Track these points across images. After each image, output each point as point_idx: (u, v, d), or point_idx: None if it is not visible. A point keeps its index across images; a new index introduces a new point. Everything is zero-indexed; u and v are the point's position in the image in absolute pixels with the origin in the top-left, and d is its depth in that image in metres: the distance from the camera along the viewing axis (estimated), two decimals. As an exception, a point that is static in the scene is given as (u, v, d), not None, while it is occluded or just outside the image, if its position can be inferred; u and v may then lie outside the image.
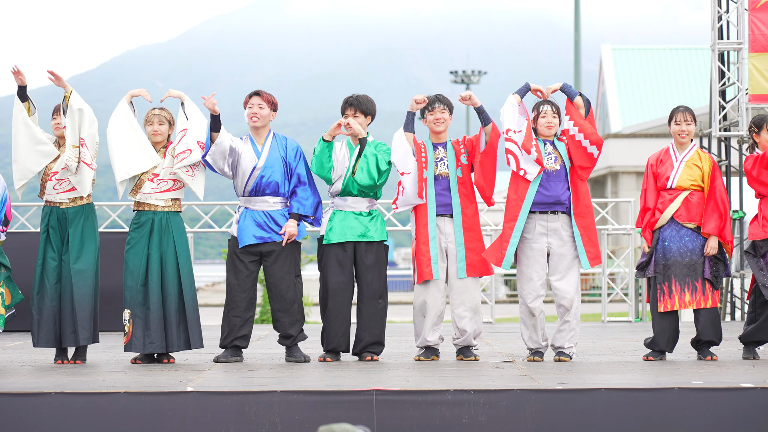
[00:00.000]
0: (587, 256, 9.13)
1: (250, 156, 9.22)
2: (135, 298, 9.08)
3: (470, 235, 9.28)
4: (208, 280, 49.20)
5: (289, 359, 9.25)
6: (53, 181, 9.13)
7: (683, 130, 9.29)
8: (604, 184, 39.72)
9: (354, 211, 9.31)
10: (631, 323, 14.98)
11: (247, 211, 9.23)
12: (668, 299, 9.15)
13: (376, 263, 9.30)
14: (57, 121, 9.20)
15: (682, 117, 9.29)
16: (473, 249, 9.27)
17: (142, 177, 9.14)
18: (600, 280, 23.35)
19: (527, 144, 9.05)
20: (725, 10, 15.43)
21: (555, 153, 9.15)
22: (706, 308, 9.18)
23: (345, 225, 9.27)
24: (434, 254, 9.24)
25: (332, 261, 9.26)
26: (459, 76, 59.83)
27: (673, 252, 9.17)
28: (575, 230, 9.12)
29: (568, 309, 9.12)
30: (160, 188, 9.13)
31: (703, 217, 9.19)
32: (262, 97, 9.23)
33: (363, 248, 9.29)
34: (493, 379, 7.85)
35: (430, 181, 9.27)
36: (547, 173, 9.09)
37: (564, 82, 9.36)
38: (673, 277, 9.15)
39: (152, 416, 7.13)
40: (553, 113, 9.20)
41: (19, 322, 9.94)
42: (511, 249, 9.09)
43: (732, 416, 7.16)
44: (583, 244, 9.13)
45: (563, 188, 9.10)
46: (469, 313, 9.27)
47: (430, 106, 9.34)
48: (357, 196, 9.32)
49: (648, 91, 46.38)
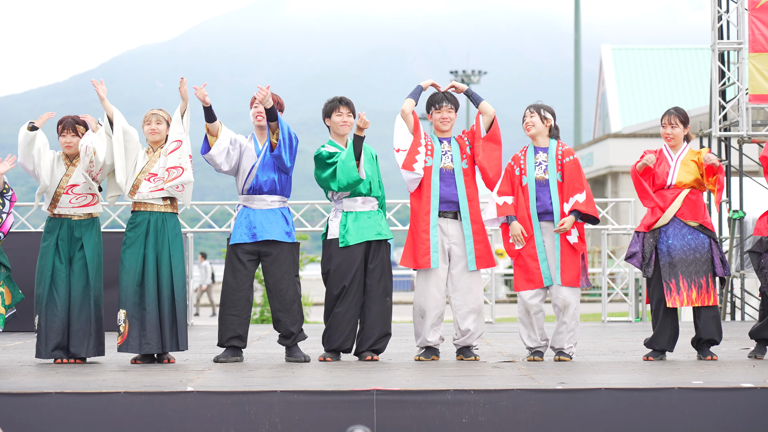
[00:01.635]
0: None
1: (251, 154, 9.23)
2: (131, 299, 9.09)
3: (477, 227, 9.30)
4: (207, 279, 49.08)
5: (289, 359, 9.25)
6: (70, 195, 9.16)
7: (668, 134, 9.34)
8: (604, 184, 39.73)
9: (364, 210, 9.34)
10: (631, 323, 14.99)
11: (245, 209, 9.24)
12: (676, 295, 9.16)
13: (385, 261, 9.35)
14: (67, 140, 9.21)
15: (668, 120, 9.35)
16: (480, 241, 9.29)
17: (139, 177, 9.14)
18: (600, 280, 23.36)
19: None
20: (725, 10, 15.44)
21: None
22: (707, 306, 9.20)
23: (360, 225, 9.29)
24: (434, 243, 9.22)
25: (347, 262, 9.26)
26: (459, 76, 59.88)
27: (677, 250, 9.19)
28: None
29: (562, 309, 9.12)
30: (157, 187, 9.13)
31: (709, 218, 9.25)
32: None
33: (374, 247, 9.32)
34: (493, 379, 7.85)
35: (435, 173, 9.27)
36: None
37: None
38: (680, 274, 9.16)
39: (152, 416, 7.13)
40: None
41: (20, 323, 9.94)
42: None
43: (732, 416, 7.16)
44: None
45: None
46: (473, 315, 9.27)
47: (438, 104, 9.35)
48: (366, 195, 9.35)
49: (648, 91, 46.40)
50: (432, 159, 9.28)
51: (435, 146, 9.32)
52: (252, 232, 9.16)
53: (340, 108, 9.37)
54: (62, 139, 9.26)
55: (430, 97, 9.44)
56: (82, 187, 9.21)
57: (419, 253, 9.24)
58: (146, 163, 9.16)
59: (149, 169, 9.15)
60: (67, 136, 9.22)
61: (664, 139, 9.36)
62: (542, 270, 9.13)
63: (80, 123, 9.27)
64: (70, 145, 9.22)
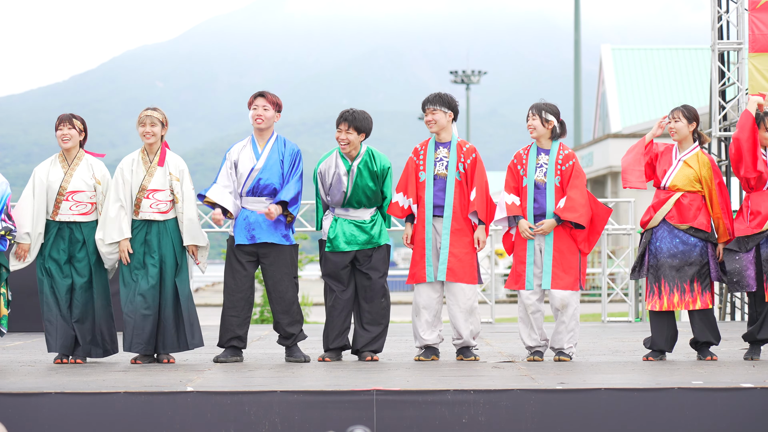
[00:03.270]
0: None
1: (249, 157, 9.21)
2: (128, 300, 9.09)
3: (457, 239, 9.22)
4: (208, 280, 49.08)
5: (289, 359, 9.26)
6: (70, 201, 9.15)
7: (672, 128, 9.31)
8: (604, 184, 39.73)
9: (356, 220, 9.32)
10: (630, 323, 14.98)
11: (243, 210, 9.24)
12: (657, 299, 9.15)
13: (379, 265, 9.32)
14: (63, 132, 9.19)
15: (672, 114, 9.31)
16: (457, 255, 9.20)
17: (139, 196, 9.12)
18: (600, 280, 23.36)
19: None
20: (725, 10, 15.44)
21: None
22: (698, 310, 9.16)
23: (349, 233, 9.27)
24: (428, 255, 9.23)
25: (336, 266, 9.28)
26: (459, 76, 59.90)
27: (663, 253, 9.16)
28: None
29: (560, 309, 9.12)
30: (159, 209, 9.13)
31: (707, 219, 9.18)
32: (267, 99, 9.21)
33: (367, 253, 9.30)
34: (493, 379, 7.85)
35: (428, 182, 9.26)
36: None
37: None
38: (662, 278, 9.14)
39: (152, 416, 7.13)
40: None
41: (20, 323, 9.94)
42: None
43: (732, 416, 7.16)
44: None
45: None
46: (463, 315, 9.25)
47: (424, 105, 9.35)
48: (358, 208, 9.33)
49: (648, 91, 46.40)
50: (425, 173, 9.26)
51: (428, 155, 9.29)
52: (251, 234, 9.16)
53: (341, 125, 9.30)
54: (59, 132, 9.23)
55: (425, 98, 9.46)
56: (83, 195, 9.18)
57: (415, 266, 9.27)
58: (144, 178, 9.14)
59: (147, 185, 9.13)
60: (64, 128, 9.19)
61: (669, 133, 9.34)
62: (527, 273, 9.14)
63: (77, 118, 9.28)
64: (67, 138, 9.18)
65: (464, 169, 9.25)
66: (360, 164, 9.28)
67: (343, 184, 9.26)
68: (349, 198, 9.28)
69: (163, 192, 9.11)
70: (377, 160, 9.36)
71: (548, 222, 9.07)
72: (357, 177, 9.25)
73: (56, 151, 9.35)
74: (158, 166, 9.14)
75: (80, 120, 9.29)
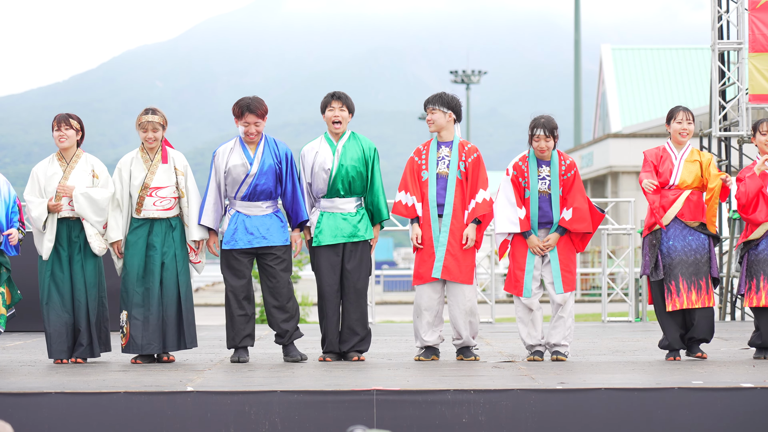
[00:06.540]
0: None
1: (241, 163, 9.14)
2: (133, 299, 9.09)
3: (455, 239, 9.22)
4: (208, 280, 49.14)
5: (287, 359, 9.24)
6: (69, 197, 9.15)
7: (684, 129, 9.29)
8: (604, 184, 39.73)
9: (342, 212, 9.29)
10: (631, 323, 14.98)
11: (238, 215, 9.18)
12: (676, 298, 9.14)
13: (363, 262, 9.30)
14: (61, 133, 9.19)
15: (684, 116, 9.30)
16: (454, 254, 9.19)
17: (141, 194, 9.12)
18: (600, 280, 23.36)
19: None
20: (725, 10, 15.44)
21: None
22: (704, 307, 9.19)
23: (334, 226, 9.24)
24: (438, 253, 9.21)
25: (324, 263, 9.27)
26: (459, 75, 59.90)
27: (678, 251, 9.17)
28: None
29: (561, 304, 9.15)
30: (163, 206, 9.14)
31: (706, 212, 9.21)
32: (257, 114, 9.10)
33: (350, 248, 9.27)
34: (493, 379, 7.85)
35: (431, 181, 9.26)
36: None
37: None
38: (680, 276, 9.14)
39: (152, 416, 7.14)
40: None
41: (20, 323, 9.94)
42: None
43: (732, 416, 7.16)
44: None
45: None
46: (463, 316, 9.25)
47: (425, 105, 9.36)
48: (344, 196, 9.30)
49: (648, 91, 46.43)
50: (427, 172, 9.26)
51: (431, 155, 9.29)
52: (248, 239, 9.13)
53: (332, 103, 9.30)
54: (56, 133, 9.23)
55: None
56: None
57: (419, 266, 9.25)
58: (146, 176, 9.14)
59: (150, 183, 9.13)
60: (61, 128, 9.20)
61: (679, 135, 9.26)
62: (525, 281, 9.15)
63: (74, 117, 9.28)
64: (64, 138, 9.19)
65: (465, 168, 9.25)
66: (346, 142, 9.26)
67: (327, 162, 9.20)
68: (334, 179, 9.21)
69: (167, 189, 9.12)
70: (363, 140, 9.38)
71: (553, 237, 9.13)
72: (342, 156, 9.21)
73: (55, 151, 9.36)
74: (162, 163, 9.14)
75: (77, 119, 9.29)
